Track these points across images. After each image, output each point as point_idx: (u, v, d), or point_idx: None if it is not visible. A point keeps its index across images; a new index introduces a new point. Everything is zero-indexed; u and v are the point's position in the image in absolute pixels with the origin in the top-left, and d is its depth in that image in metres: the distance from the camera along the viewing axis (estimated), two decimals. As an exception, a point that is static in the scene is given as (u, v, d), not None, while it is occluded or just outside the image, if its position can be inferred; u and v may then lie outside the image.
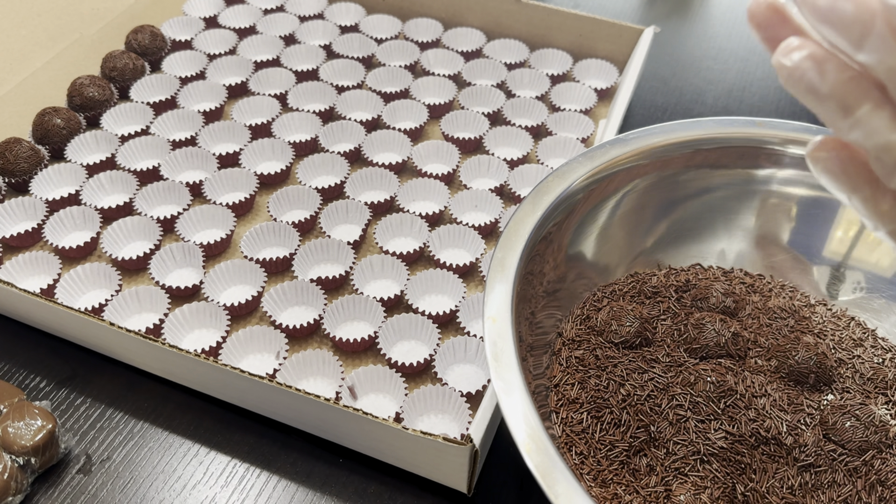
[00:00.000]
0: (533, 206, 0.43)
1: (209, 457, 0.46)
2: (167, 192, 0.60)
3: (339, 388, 0.47)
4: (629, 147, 0.47)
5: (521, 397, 0.34)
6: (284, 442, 0.47)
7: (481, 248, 0.56)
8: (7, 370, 0.50)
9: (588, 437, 0.40)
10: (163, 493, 0.44)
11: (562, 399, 0.41)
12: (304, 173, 0.62)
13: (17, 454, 0.42)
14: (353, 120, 0.67)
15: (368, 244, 0.59)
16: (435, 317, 0.51)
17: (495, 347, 0.36)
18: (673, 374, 0.42)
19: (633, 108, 0.74)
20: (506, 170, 0.63)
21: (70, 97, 0.66)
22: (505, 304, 0.38)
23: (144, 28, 0.73)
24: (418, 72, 0.75)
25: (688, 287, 0.48)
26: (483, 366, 0.50)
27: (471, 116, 0.67)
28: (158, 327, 0.50)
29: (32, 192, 0.59)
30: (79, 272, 0.53)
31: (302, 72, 0.72)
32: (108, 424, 0.47)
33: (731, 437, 0.39)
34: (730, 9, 0.88)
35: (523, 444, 0.32)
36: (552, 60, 0.75)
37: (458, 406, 0.46)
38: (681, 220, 0.51)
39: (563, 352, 0.44)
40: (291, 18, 0.78)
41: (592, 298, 0.47)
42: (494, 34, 0.78)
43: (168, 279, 0.54)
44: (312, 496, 0.44)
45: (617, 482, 0.38)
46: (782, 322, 0.46)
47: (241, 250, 0.56)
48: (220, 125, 0.65)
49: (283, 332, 0.51)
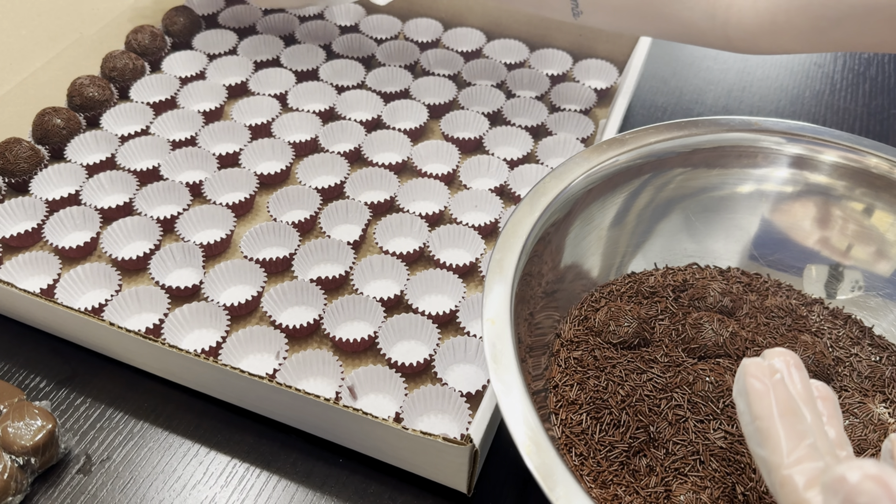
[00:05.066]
0: (531, 207, 0.43)
1: (209, 457, 0.46)
2: (167, 192, 0.60)
3: (339, 388, 0.47)
4: (626, 147, 0.47)
5: (521, 399, 0.34)
6: (284, 442, 0.47)
7: (481, 248, 0.56)
8: (7, 370, 0.50)
9: (587, 438, 0.40)
10: (163, 493, 0.44)
11: (561, 400, 0.42)
12: (304, 173, 0.62)
13: (17, 454, 0.42)
14: (353, 120, 0.67)
15: (368, 244, 0.59)
16: (435, 317, 0.51)
17: (494, 349, 0.36)
18: (672, 374, 0.42)
19: (633, 108, 0.74)
20: (506, 170, 0.63)
21: (70, 97, 0.66)
22: (504, 306, 0.38)
23: (144, 28, 0.73)
24: (418, 72, 0.75)
25: (685, 287, 0.48)
26: (483, 366, 0.50)
27: (471, 116, 0.67)
28: (158, 327, 0.51)
29: (32, 192, 0.59)
30: (79, 272, 0.53)
31: (302, 72, 0.72)
32: (108, 424, 0.48)
33: (731, 436, 0.39)
34: (729, 8, 0.88)
35: (523, 446, 0.32)
36: (552, 60, 0.75)
37: (457, 406, 0.46)
38: (678, 219, 0.51)
39: (562, 353, 0.44)
40: (291, 18, 0.78)
41: (590, 299, 0.47)
42: (494, 34, 0.78)
43: (168, 279, 0.54)
44: (312, 496, 0.44)
45: (617, 483, 0.38)
46: (780, 321, 0.46)
47: (241, 250, 0.56)
48: (220, 125, 0.65)
49: (283, 332, 0.51)
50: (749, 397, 0.26)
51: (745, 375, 0.26)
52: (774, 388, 0.25)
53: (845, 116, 0.74)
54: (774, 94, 0.76)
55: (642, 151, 0.48)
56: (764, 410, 0.25)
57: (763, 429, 0.25)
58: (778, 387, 0.25)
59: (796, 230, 0.50)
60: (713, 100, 0.75)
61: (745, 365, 0.26)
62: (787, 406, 0.25)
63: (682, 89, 0.76)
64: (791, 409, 0.25)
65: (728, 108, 0.74)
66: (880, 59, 0.81)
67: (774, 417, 0.25)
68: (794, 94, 0.76)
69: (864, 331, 0.47)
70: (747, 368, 0.26)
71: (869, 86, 0.77)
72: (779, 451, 0.24)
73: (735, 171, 0.50)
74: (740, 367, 0.26)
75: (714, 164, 0.49)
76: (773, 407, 0.25)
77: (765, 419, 0.25)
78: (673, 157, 0.49)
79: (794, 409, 0.25)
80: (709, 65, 0.80)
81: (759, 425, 0.25)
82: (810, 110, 0.74)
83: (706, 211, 0.51)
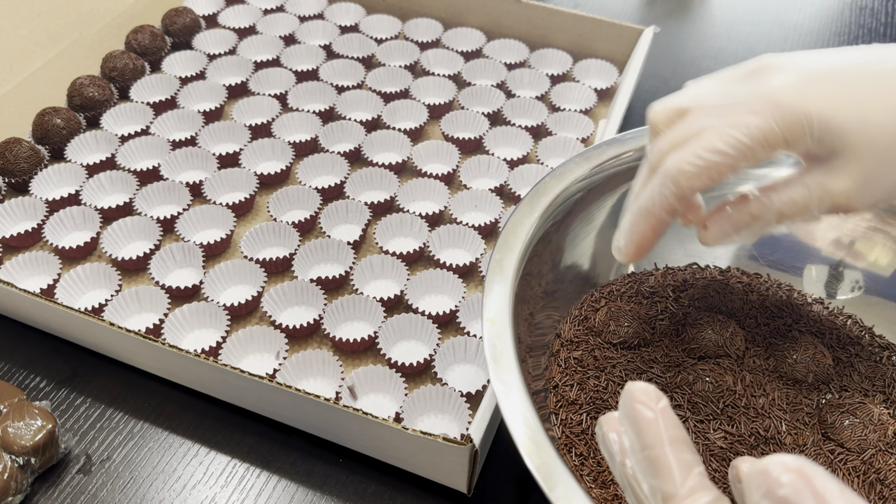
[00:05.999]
0: (530, 208, 0.43)
1: (209, 457, 0.46)
2: (167, 192, 0.60)
3: (339, 388, 0.47)
4: (626, 147, 0.47)
5: (521, 399, 0.34)
6: (284, 442, 0.47)
7: (481, 248, 0.56)
8: (7, 370, 0.50)
9: (588, 438, 0.40)
10: (163, 493, 0.44)
11: (561, 400, 0.42)
12: (304, 173, 0.62)
13: (17, 454, 0.42)
14: (353, 120, 0.67)
15: (368, 244, 0.59)
16: (435, 317, 0.51)
17: (494, 349, 0.36)
18: (672, 374, 0.42)
19: (633, 108, 0.74)
20: (506, 170, 0.63)
21: (70, 97, 0.66)
22: (503, 306, 0.38)
23: (144, 28, 0.73)
24: (418, 72, 0.75)
25: (685, 287, 0.48)
26: (483, 366, 0.50)
27: (471, 116, 0.67)
28: (158, 327, 0.51)
29: (32, 192, 0.59)
30: (79, 272, 0.53)
31: (302, 72, 0.72)
32: (108, 424, 0.48)
33: (731, 436, 0.39)
34: (730, 9, 0.88)
35: (523, 446, 0.32)
36: (552, 60, 0.75)
37: (457, 406, 0.46)
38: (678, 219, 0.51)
39: (562, 353, 0.44)
40: (291, 18, 0.78)
41: (590, 299, 0.47)
42: (494, 34, 0.78)
43: (168, 279, 0.54)
44: (312, 496, 0.44)
45: (617, 483, 0.38)
46: (780, 321, 0.46)
47: (241, 250, 0.56)
48: (220, 125, 0.65)
49: (283, 332, 0.51)
50: (638, 425, 0.25)
51: (631, 401, 0.25)
52: (663, 416, 0.24)
53: (845, 116, 0.74)
54: (774, 94, 0.76)
55: (642, 151, 0.47)
56: (654, 439, 0.24)
57: (653, 458, 0.24)
58: (666, 414, 0.25)
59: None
60: (713, 100, 0.75)
61: (631, 391, 0.25)
62: (675, 435, 0.24)
63: (682, 89, 0.76)
64: (678, 438, 0.24)
65: (728, 108, 0.74)
66: (880, 59, 0.81)
67: (665, 446, 0.24)
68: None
69: (864, 330, 0.47)
70: (633, 394, 0.25)
71: (869, 86, 0.77)
72: (672, 481, 0.23)
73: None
74: (625, 391, 0.26)
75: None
76: (662, 435, 0.24)
77: (655, 447, 0.24)
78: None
79: (682, 437, 0.24)
80: (709, 65, 0.80)
81: (648, 454, 0.24)
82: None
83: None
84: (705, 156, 0.33)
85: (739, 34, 0.84)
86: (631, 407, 0.25)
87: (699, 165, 0.33)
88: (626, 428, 0.25)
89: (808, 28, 0.85)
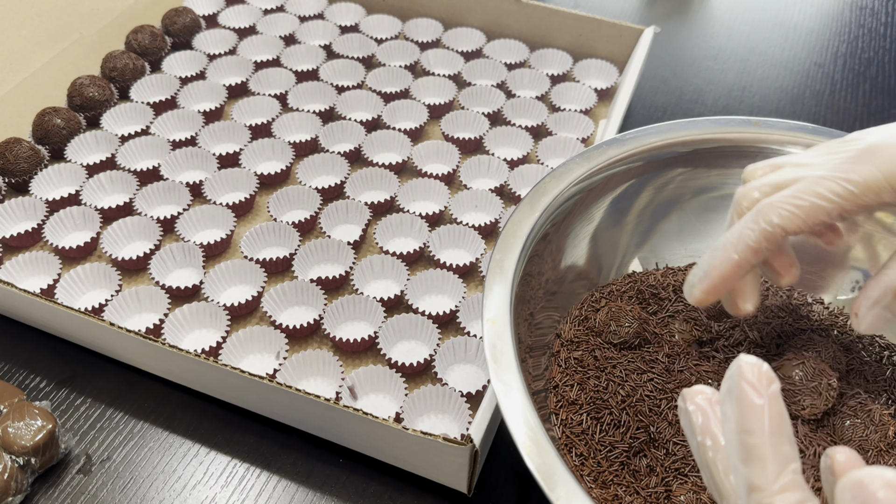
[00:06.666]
0: (530, 208, 0.43)
1: (209, 457, 0.46)
2: (167, 192, 0.60)
3: (339, 389, 0.47)
4: (626, 147, 0.47)
5: (521, 399, 0.34)
6: (284, 442, 0.47)
7: (481, 248, 0.56)
8: (7, 370, 0.50)
9: (588, 439, 0.40)
10: (163, 493, 0.44)
11: (561, 400, 0.42)
12: (304, 173, 0.62)
13: (17, 454, 0.42)
14: (353, 120, 0.67)
15: (368, 244, 0.59)
16: (435, 317, 0.51)
17: (494, 349, 0.36)
18: (672, 374, 0.42)
19: (633, 108, 0.74)
20: (506, 170, 0.63)
21: (70, 97, 0.66)
22: (504, 306, 0.38)
23: (144, 28, 0.73)
24: (418, 72, 0.75)
25: (687, 287, 0.48)
26: (483, 366, 0.50)
27: (471, 116, 0.67)
28: (158, 327, 0.51)
29: (32, 192, 0.59)
30: (79, 272, 0.53)
31: (302, 72, 0.72)
32: (108, 424, 0.48)
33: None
34: (730, 9, 0.88)
35: (524, 446, 0.32)
36: (552, 60, 0.75)
37: (458, 406, 0.46)
38: (678, 219, 0.51)
39: (562, 353, 0.44)
40: (291, 18, 0.78)
41: (591, 299, 0.47)
42: (494, 34, 0.78)
43: (168, 279, 0.54)
44: (312, 496, 0.44)
45: (617, 483, 0.38)
46: (780, 321, 0.46)
47: (241, 250, 0.56)
48: (220, 125, 0.65)
49: (283, 332, 0.51)
50: (742, 406, 0.23)
51: (739, 378, 0.23)
52: (770, 402, 0.23)
53: (845, 116, 0.74)
54: (774, 94, 0.76)
55: (642, 151, 0.48)
56: (756, 424, 0.23)
57: (750, 445, 0.23)
58: (774, 400, 0.23)
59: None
60: (713, 100, 0.75)
61: (742, 366, 0.23)
62: (780, 425, 0.23)
63: (682, 89, 0.76)
64: (781, 429, 0.23)
65: (728, 108, 0.74)
66: (880, 59, 0.81)
67: (766, 435, 0.22)
68: (794, 94, 0.76)
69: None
70: (743, 371, 0.23)
71: (869, 86, 0.77)
72: (764, 474, 0.22)
73: (735, 171, 0.50)
74: (734, 364, 0.24)
75: (714, 164, 0.49)
76: (765, 423, 0.23)
77: (755, 434, 0.23)
78: (673, 157, 0.49)
79: (785, 429, 0.23)
80: (709, 65, 0.80)
81: (745, 439, 0.23)
82: (810, 110, 0.74)
83: (706, 211, 0.51)
84: (805, 198, 0.32)
85: (739, 34, 0.84)
86: (738, 385, 0.23)
87: (798, 205, 0.32)
88: (727, 406, 0.24)
89: (808, 28, 0.85)
